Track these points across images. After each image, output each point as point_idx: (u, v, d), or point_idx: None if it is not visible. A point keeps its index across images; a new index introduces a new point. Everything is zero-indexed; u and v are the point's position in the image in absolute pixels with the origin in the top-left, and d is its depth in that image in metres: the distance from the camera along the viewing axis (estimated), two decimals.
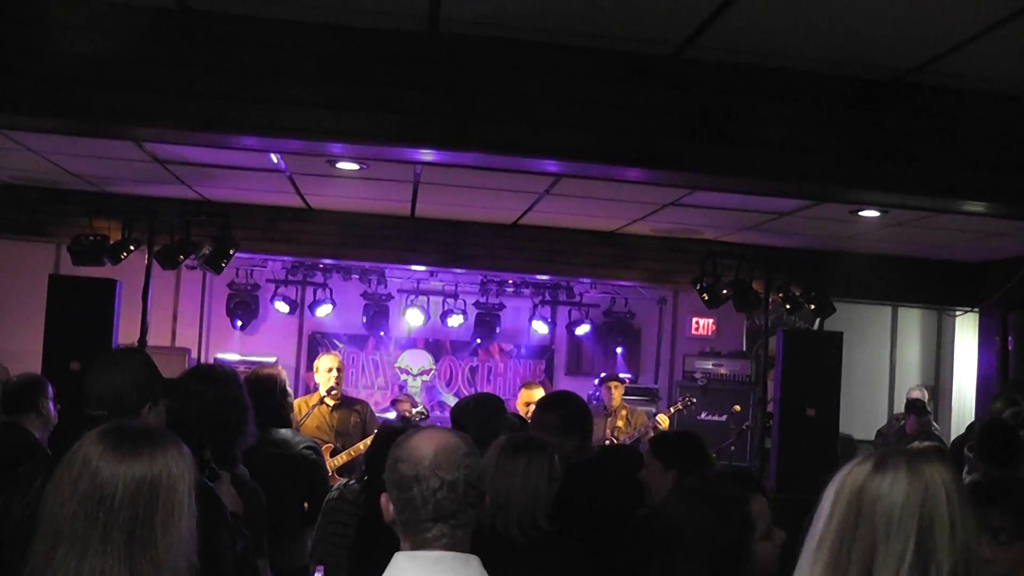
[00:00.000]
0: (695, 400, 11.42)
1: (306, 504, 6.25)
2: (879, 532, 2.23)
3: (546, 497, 4.08)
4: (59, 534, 2.41)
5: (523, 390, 10.14)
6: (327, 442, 8.25)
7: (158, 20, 5.42)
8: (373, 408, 9.75)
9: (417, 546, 2.71)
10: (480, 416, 5.55)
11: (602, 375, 11.83)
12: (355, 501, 5.63)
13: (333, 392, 8.69)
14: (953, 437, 10.93)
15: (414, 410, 9.92)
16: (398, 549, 2.75)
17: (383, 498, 2.80)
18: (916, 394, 12.23)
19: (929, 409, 11.99)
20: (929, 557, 2.19)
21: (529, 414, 9.41)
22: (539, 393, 9.81)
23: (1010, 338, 11.90)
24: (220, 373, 4.86)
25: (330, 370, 8.74)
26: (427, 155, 6.08)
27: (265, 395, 6.13)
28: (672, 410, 10.87)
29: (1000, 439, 5.92)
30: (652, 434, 10.10)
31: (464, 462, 2.75)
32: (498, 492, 3.97)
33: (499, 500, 3.97)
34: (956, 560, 2.19)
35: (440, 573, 2.67)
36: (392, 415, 11.55)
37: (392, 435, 5.40)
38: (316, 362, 9.18)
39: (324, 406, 8.66)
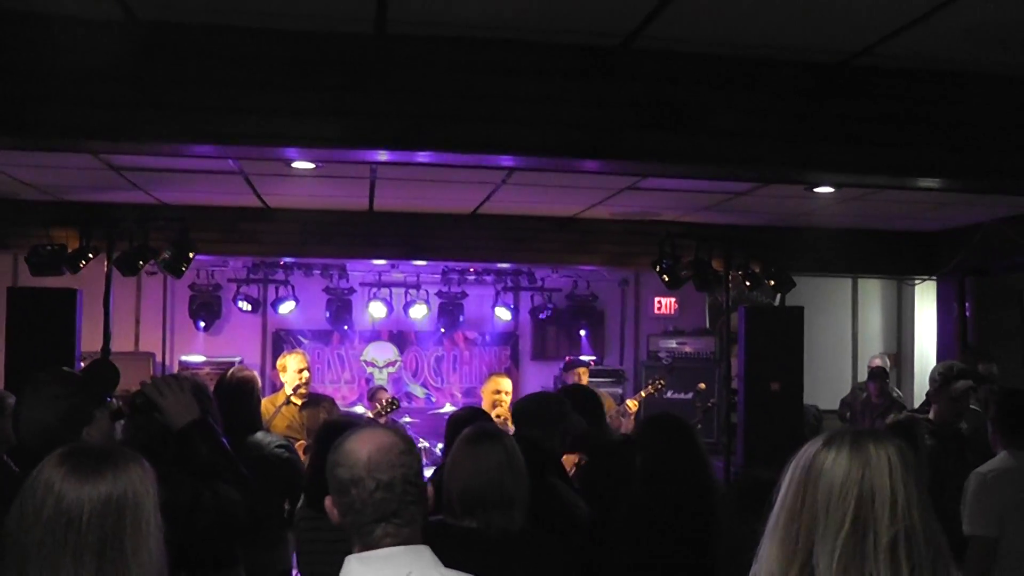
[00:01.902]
0: (664, 382, 11.50)
1: (287, 505, 6.23)
2: (820, 505, 2.32)
3: (510, 487, 3.98)
4: (26, 560, 2.41)
5: (490, 379, 10.13)
6: (299, 440, 8.25)
7: (107, 33, 5.37)
8: (340, 403, 9.77)
9: (366, 547, 2.74)
10: (543, 417, 5.50)
11: (568, 360, 11.87)
12: None
13: (300, 391, 8.70)
14: (918, 404, 11.05)
15: (384, 400, 9.91)
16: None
17: (327, 502, 2.83)
18: (878, 362, 12.35)
19: (889, 375, 12.16)
20: (867, 528, 2.27)
21: (496, 403, 9.46)
22: (506, 382, 9.83)
23: (967, 304, 12.03)
24: (184, 382, 4.88)
25: (300, 371, 8.74)
26: (382, 156, 6.08)
27: (240, 399, 6.13)
28: (643, 394, 10.93)
29: (1019, 409, 5.87)
30: (622, 419, 10.18)
31: (400, 461, 2.76)
32: (460, 483, 3.96)
33: (462, 493, 3.94)
34: (896, 531, 2.27)
35: (391, 568, 2.69)
36: (361, 409, 11.57)
37: (334, 433, 5.42)
38: (281, 361, 9.13)
39: (291, 405, 8.66)
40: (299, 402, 8.66)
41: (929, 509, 2.35)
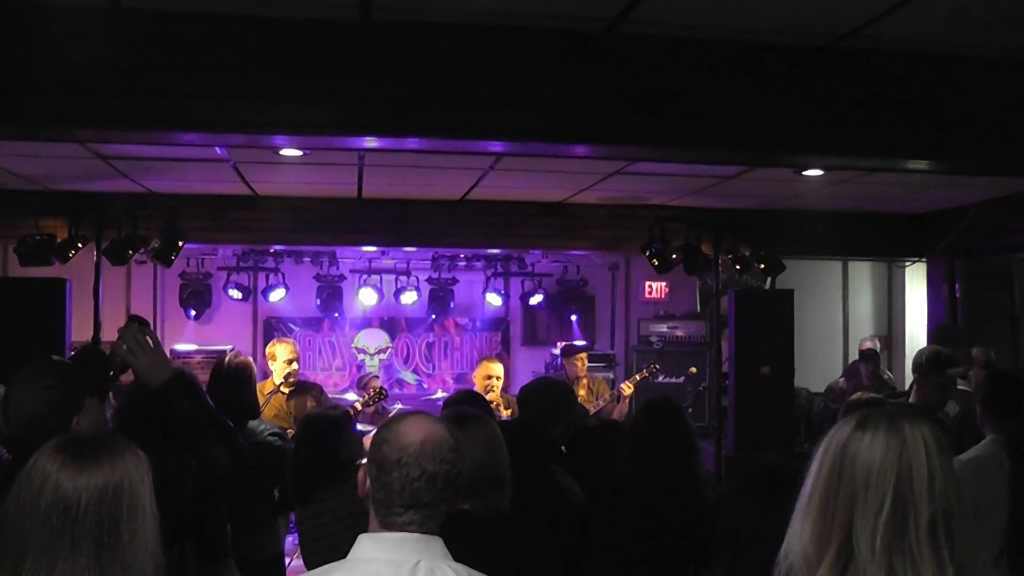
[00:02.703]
0: (658, 366, 11.52)
1: (277, 492, 6.27)
2: (859, 485, 2.32)
3: (503, 468, 4.00)
4: (24, 548, 2.42)
5: (482, 364, 10.13)
6: (287, 429, 8.26)
7: (91, 22, 5.36)
8: (331, 390, 9.79)
9: (384, 527, 2.75)
10: (548, 404, 5.49)
11: (563, 346, 11.88)
12: None
13: (290, 379, 8.72)
14: (908, 386, 11.07)
15: (372, 390, 9.90)
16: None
17: (360, 472, 2.83)
18: (868, 344, 12.37)
19: (880, 357, 12.17)
20: (907, 508, 2.28)
21: (487, 388, 9.46)
22: (498, 367, 9.83)
23: (957, 285, 12.05)
24: None
25: (289, 362, 8.78)
26: (370, 143, 6.08)
27: (243, 386, 6.16)
28: (638, 377, 10.95)
29: (1008, 391, 5.87)
30: (615, 404, 10.19)
31: (448, 457, 2.77)
32: None
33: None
34: (935, 509, 2.28)
35: (402, 553, 2.70)
36: (352, 396, 11.57)
37: (315, 429, 5.42)
38: (271, 348, 9.14)
39: (280, 394, 8.67)
40: (287, 391, 8.67)
41: (961, 489, 2.36)
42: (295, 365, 8.84)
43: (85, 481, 2.47)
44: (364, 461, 2.88)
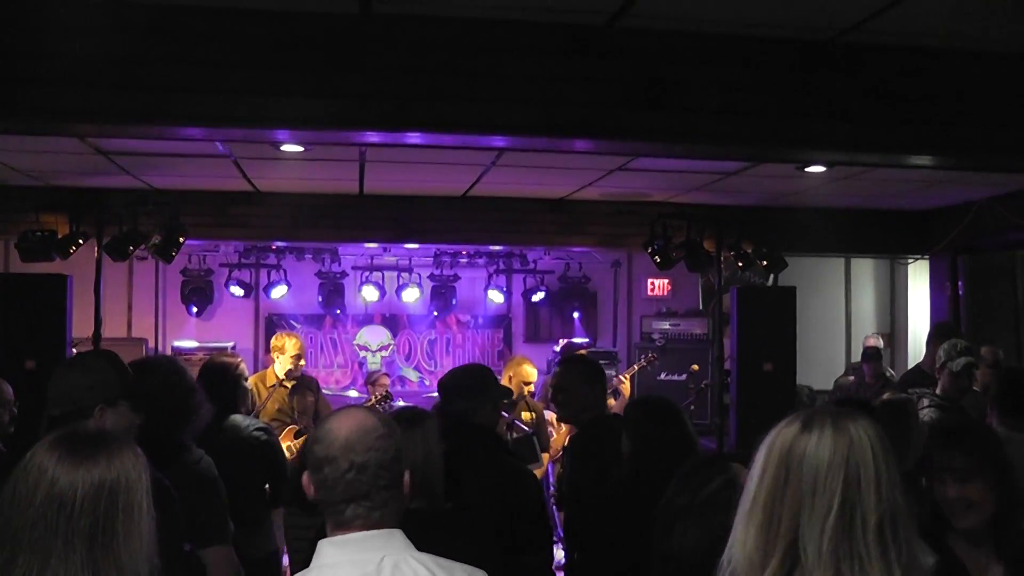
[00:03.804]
0: (656, 356, 11.48)
1: (268, 487, 6.27)
2: (806, 489, 2.31)
3: (439, 465, 4.04)
4: (18, 543, 2.40)
5: (522, 367, 9.49)
6: (291, 423, 8.28)
7: (90, 14, 5.35)
8: (333, 387, 9.79)
9: (338, 527, 2.76)
10: (466, 389, 5.48)
11: (563, 343, 11.84)
12: None
13: (292, 375, 8.73)
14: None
15: (378, 395, 9.86)
16: None
17: (304, 477, 2.84)
18: (872, 342, 12.38)
19: (883, 355, 12.16)
20: (855, 511, 2.27)
21: (519, 394, 9.17)
22: (534, 373, 9.47)
23: (960, 282, 12.03)
24: (154, 363, 4.88)
25: (298, 358, 8.87)
26: (371, 137, 6.06)
27: (218, 383, 6.14)
28: (636, 367, 10.87)
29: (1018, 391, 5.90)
30: (614, 395, 10.16)
31: (376, 444, 2.78)
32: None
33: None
34: (882, 512, 2.27)
35: (364, 552, 2.71)
36: (355, 393, 11.57)
37: None
38: (279, 340, 9.12)
39: (283, 388, 8.68)
40: (289, 385, 8.67)
41: (904, 489, 2.36)
42: (302, 362, 8.92)
43: (82, 476, 2.45)
44: None
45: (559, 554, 6.90)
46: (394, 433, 2.86)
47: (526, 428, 8.41)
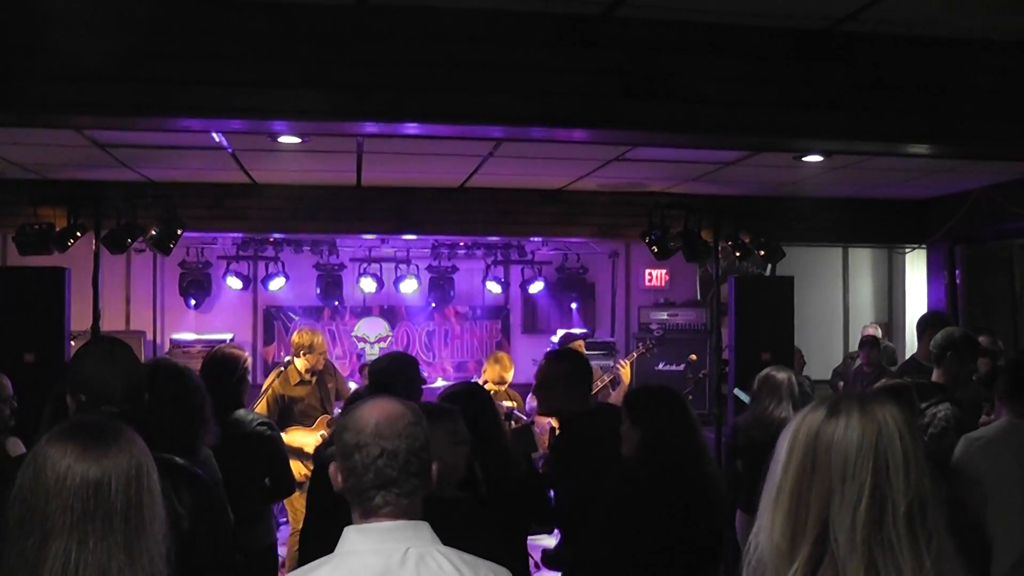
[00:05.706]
0: (654, 343, 11.49)
1: (268, 481, 6.32)
2: (835, 476, 2.25)
3: (452, 463, 4.06)
4: (50, 528, 2.43)
5: (501, 363, 10.11)
6: (326, 413, 8.70)
7: (87, 7, 5.34)
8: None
9: (365, 516, 2.76)
10: (396, 373, 5.56)
11: (562, 334, 11.85)
12: None
13: (315, 368, 9.08)
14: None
15: None
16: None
17: (331, 467, 2.85)
18: (871, 331, 12.38)
19: (882, 345, 12.15)
20: (885, 497, 2.22)
21: (497, 390, 9.44)
22: (511, 372, 9.93)
23: (957, 271, 12.04)
24: (169, 368, 4.86)
25: (324, 353, 9.23)
26: (369, 128, 6.07)
27: (223, 377, 6.15)
28: (635, 354, 10.88)
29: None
30: (613, 385, 10.18)
31: (407, 431, 2.78)
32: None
33: None
34: (912, 498, 2.22)
35: (389, 542, 2.70)
36: (353, 385, 11.56)
37: None
38: (310, 339, 9.31)
39: (310, 385, 9.14)
40: (312, 379, 9.11)
41: (931, 475, 2.30)
42: (324, 356, 9.28)
43: (112, 462, 2.51)
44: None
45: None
46: (422, 421, 2.87)
47: (524, 418, 8.44)
